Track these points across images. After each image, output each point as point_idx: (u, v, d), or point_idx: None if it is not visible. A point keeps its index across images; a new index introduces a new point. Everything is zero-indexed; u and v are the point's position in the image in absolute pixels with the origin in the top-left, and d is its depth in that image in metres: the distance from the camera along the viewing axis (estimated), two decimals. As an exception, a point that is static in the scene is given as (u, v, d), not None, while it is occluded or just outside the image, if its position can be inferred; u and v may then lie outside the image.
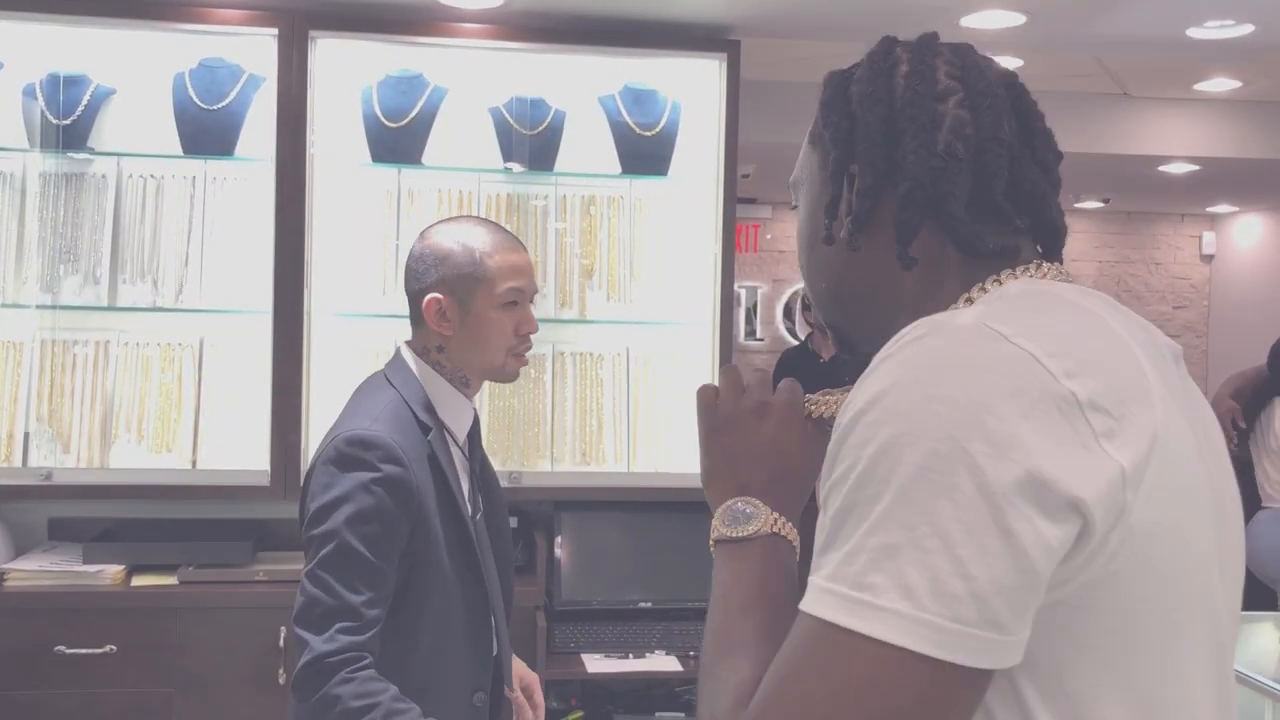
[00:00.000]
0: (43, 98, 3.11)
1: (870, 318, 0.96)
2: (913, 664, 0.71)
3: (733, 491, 0.96)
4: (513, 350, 1.86)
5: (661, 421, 3.36)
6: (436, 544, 1.78)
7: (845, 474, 0.77)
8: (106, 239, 3.16)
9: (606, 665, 2.98)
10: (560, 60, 3.32)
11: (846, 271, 0.97)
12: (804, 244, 1.02)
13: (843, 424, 0.79)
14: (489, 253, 1.85)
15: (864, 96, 0.94)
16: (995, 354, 0.77)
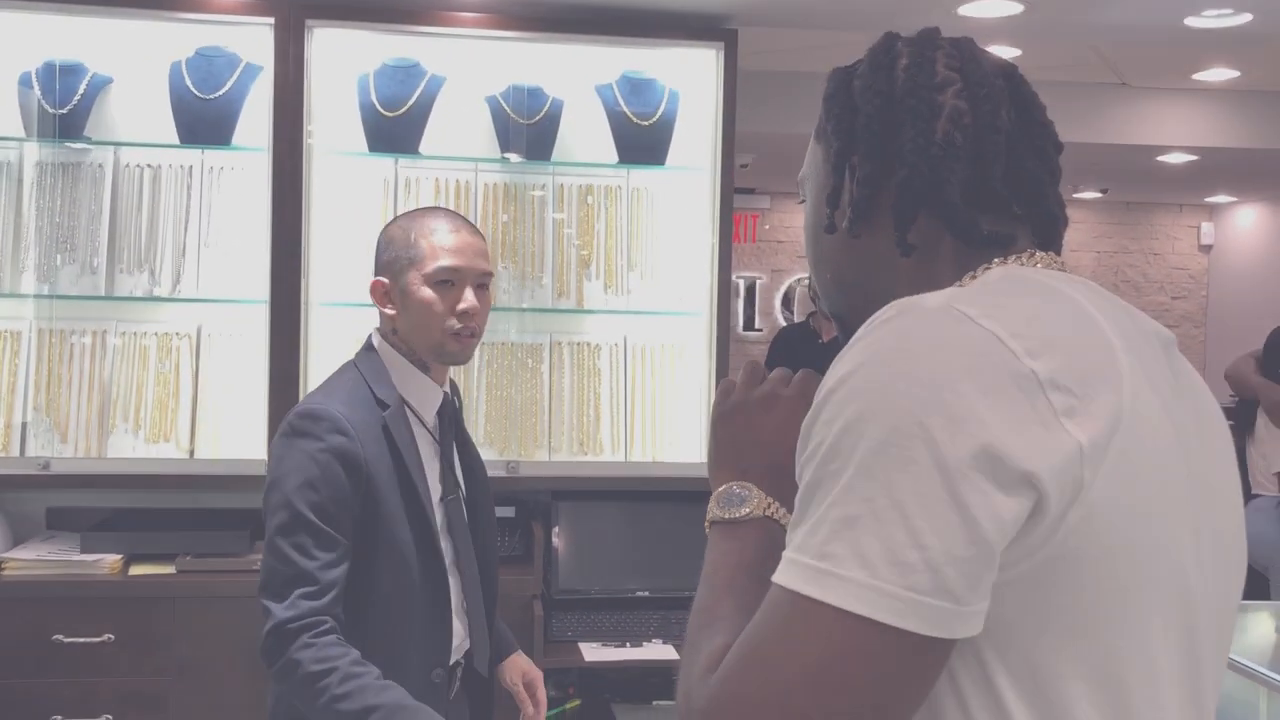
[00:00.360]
0: (39, 86, 3.11)
1: (871, 305, 0.97)
2: (869, 631, 0.74)
3: (732, 476, 0.99)
4: (450, 330, 1.89)
5: (658, 411, 3.37)
6: (389, 518, 1.82)
7: (814, 450, 0.80)
8: (103, 228, 3.16)
9: (604, 654, 2.99)
10: (557, 49, 3.31)
11: (849, 259, 1.00)
12: (810, 235, 1.04)
13: (816, 402, 0.82)
14: (424, 234, 1.91)
15: (865, 89, 0.97)
16: (958, 334, 0.80)
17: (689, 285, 3.37)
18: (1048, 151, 0.98)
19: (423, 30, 3.21)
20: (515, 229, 3.32)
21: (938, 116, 0.93)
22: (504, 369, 3.31)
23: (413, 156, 3.27)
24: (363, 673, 1.71)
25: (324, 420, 1.81)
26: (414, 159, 3.27)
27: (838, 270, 1.02)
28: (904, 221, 0.94)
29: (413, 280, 1.89)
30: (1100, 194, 7.83)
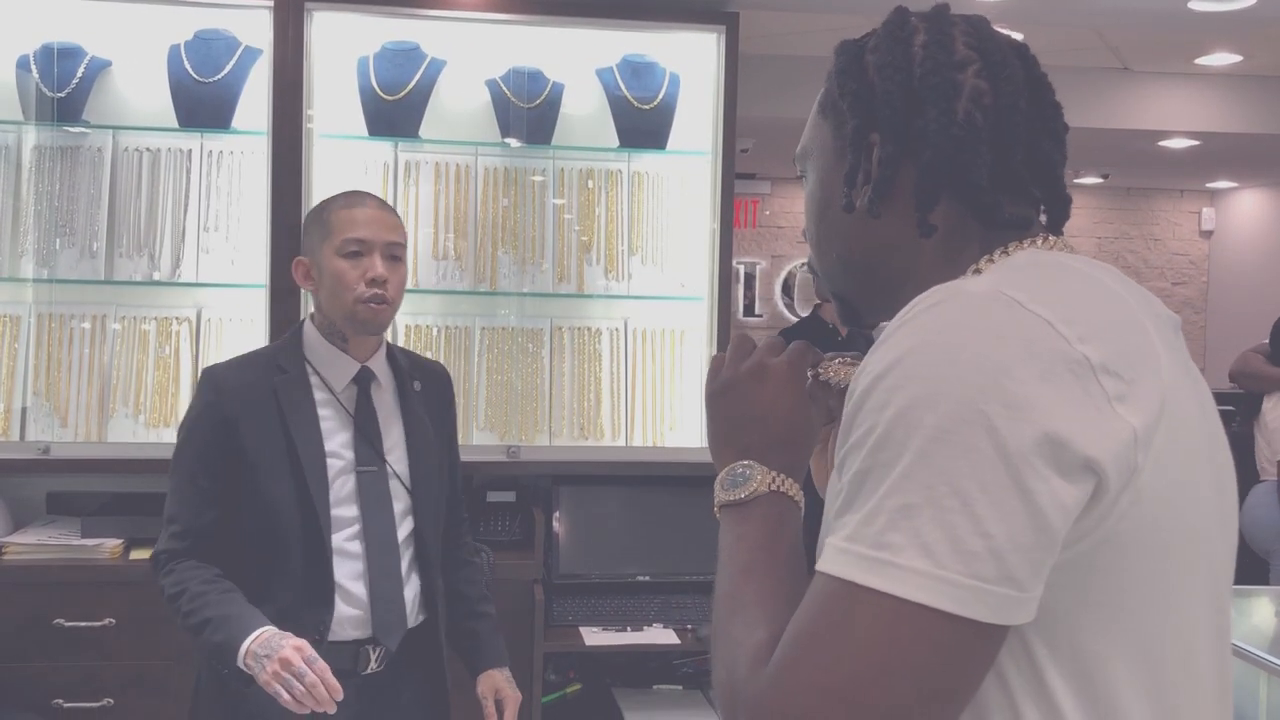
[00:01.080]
0: (37, 70, 3.10)
1: (881, 287, 0.98)
2: (933, 620, 0.73)
3: (734, 456, 0.97)
4: (360, 298, 1.97)
5: (659, 396, 3.37)
6: (261, 476, 1.94)
7: (863, 438, 0.79)
8: (102, 212, 3.15)
9: (604, 638, 3.00)
10: (558, 32, 3.30)
11: (861, 240, 0.97)
12: (815, 213, 1.02)
13: (859, 389, 0.81)
14: (332, 211, 2.03)
15: (883, 65, 0.94)
16: (1011, 319, 0.78)
17: (690, 270, 3.36)
18: (1059, 133, 0.97)
19: (423, 13, 3.19)
20: (515, 213, 3.32)
21: (958, 96, 0.91)
22: (504, 354, 3.31)
23: (413, 140, 3.26)
24: (207, 590, 1.89)
25: (206, 380, 2.02)
26: (414, 143, 3.26)
27: (847, 249, 0.99)
28: (927, 203, 0.92)
29: (325, 254, 2.00)
30: (1101, 179, 7.81)
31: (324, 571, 1.94)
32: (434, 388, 2.19)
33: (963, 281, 0.85)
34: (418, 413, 2.11)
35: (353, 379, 2.04)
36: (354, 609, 1.97)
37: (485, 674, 2.17)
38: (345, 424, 2.02)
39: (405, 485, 2.06)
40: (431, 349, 3.28)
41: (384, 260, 1.99)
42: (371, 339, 2.06)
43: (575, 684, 3.11)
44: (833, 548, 0.78)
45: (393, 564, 2.01)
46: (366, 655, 1.98)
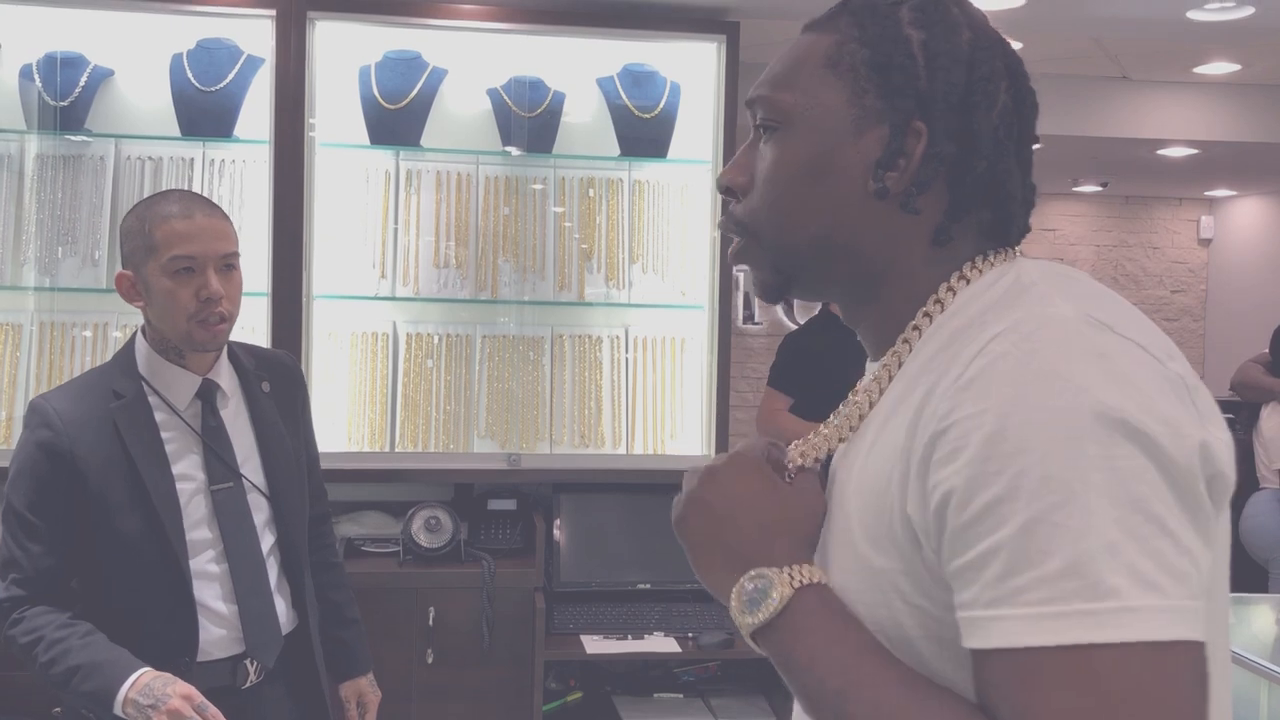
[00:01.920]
0: (40, 79, 3.10)
1: (849, 275, 0.92)
2: (1182, 653, 0.69)
3: (729, 573, 0.86)
4: (195, 317, 1.85)
5: (660, 404, 3.37)
6: (110, 509, 1.84)
7: (1011, 492, 0.71)
8: (104, 221, 3.16)
9: (605, 646, 3.00)
10: (559, 42, 3.31)
11: (859, 226, 0.89)
12: (797, 179, 0.90)
13: (973, 446, 0.73)
14: (156, 223, 1.85)
15: (939, 53, 0.88)
16: (1114, 344, 0.76)
17: (690, 278, 3.37)
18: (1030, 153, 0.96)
19: (424, 23, 3.20)
20: (516, 222, 3.32)
21: (994, 108, 0.88)
22: (505, 362, 3.32)
23: (414, 149, 3.26)
24: (66, 635, 1.80)
25: (35, 414, 1.87)
26: (415, 151, 3.27)
27: (832, 231, 0.90)
28: (961, 211, 0.88)
29: (152, 271, 1.85)
30: (1100, 187, 7.83)
31: (185, 599, 1.88)
32: (283, 383, 2.09)
33: (1043, 306, 0.79)
34: (269, 416, 2.02)
35: (195, 394, 1.93)
36: (223, 629, 1.91)
37: (350, 681, 2.19)
38: (193, 443, 1.92)
39: (265, 495, 1.98)
40: (433, 357, 3.28)
41: (218, 273, 1.86)
42: (209, 354, 1.95)
43: (576, 692, 3.11)
44: (1021, 618, 0.69)
45: (260, 581, 1.95)
46: (245, 670, 1.94)
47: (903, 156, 0.87)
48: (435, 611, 2.98)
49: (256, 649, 1.95)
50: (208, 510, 1.91)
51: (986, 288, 0.86)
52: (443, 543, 3.08)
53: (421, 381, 3.28)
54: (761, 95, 0.93)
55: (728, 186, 0.95)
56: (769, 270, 0.94)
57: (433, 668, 2.98)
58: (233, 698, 1.89)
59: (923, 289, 0.89)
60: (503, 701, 3.01)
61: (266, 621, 1.97)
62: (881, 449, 0.83)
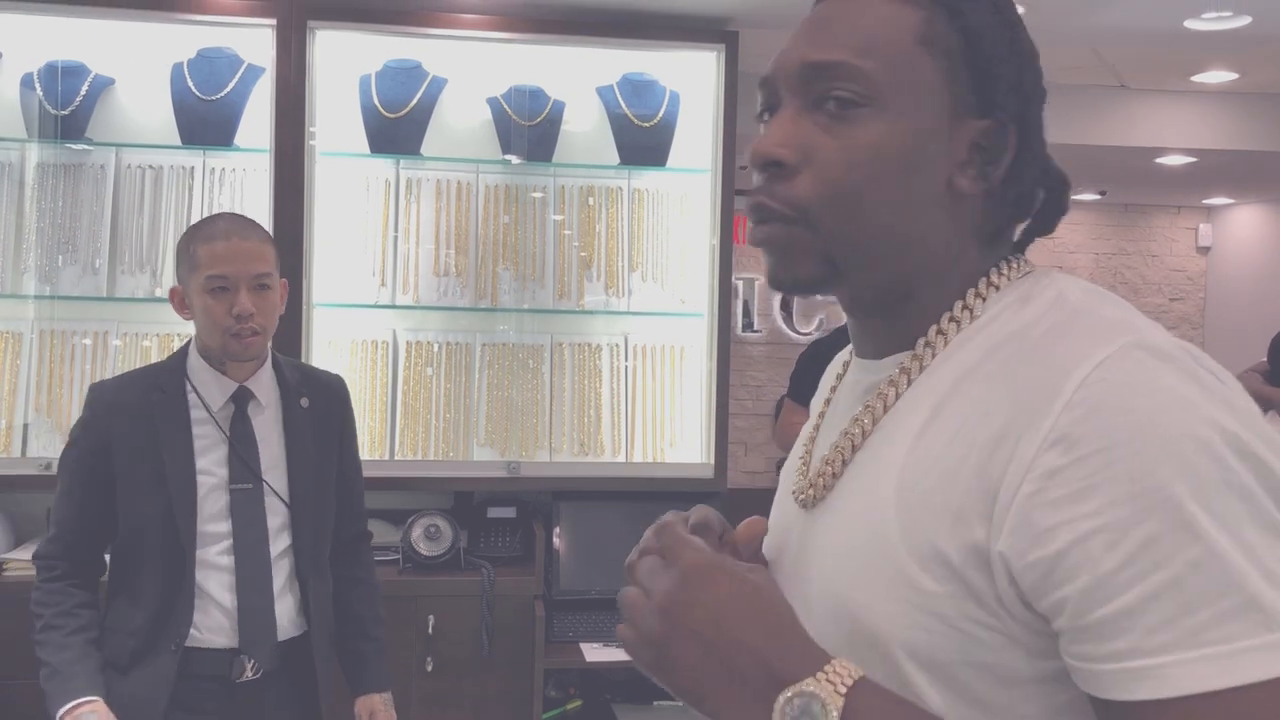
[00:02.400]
0: (40, 88, 3.11)
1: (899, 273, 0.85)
2: None
3: (761, 701, 0.72)
4: (229, 331, 2.02)
5: (659, 412, 3.37)
6: (131, 487, 2.03)
7: (1165, 529, 0.67)
8: (105, 229, 3.17)
9: (605, 654, 2.99)
10: (558, 51, 3.32)
11: (933, 224, 0.83)
12: (892, 170, 0.81)
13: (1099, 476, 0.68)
14: (197, 244, 2.03)
15: (1023, 43, 0.84)
16: (1209, 370, 0.74)
17: (690, 286, 3.37)
18: None
19: (424, 32, 3.21)
20: (516, 230, 3.33)
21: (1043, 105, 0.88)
22: (505, 370, 3.32)
23: (414, 158, 3.27)
24: (61, 624, 2.00)
25: (90, 395, 2.10)
26: (415, 160, 3.28)
27: (909, 225, 0.82)
28: (1025, 212, 0.87)
29: (194, 288, 2.03)
30: (1099, 195, 7.84)
31: (186, 585, 2.01)
32: (325, 402, 2.21)
33: (1145, 328, 0.76)
34: (302, 430, 2.15)
35: (230, 398, 2.08)
36: (223, 619, 2.04)
37: (364, 697, 2.25)
38: (220, 442, 2.07)
39: (284, 501, 2.11)
40: (432, 365, 3.29)
41: (251, 292, 2.02)
42: (249, 364, 2.10)
43: (576, 700, 3.10)
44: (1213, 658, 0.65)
45: (263, 579, 2.07)
46: (241, 664, 2.04)
47: (1001, 154, 0.83)
48: (435, 620, 2.98)
49: (249, 645, 2.05)
50: (224, 506, 2.05)
51: (1023, 301, 0.82)
52: (442, 551, 3.09)
53: (421, 389, 3.28)
54: (843, 62, 0.80)
55: (778, 160, 0.81)
56: (817, 261, 0.82)
57: (432, 676, 2.98)
58: (228, 690, 2.04)
59: (955, 291, 0.84)
60: (502, 710, 3.01)
61: (263, 620, 2.06)
62: (928, 465, 0.77)
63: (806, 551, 0.87)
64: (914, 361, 0.84)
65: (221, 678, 2.03)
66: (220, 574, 2.04)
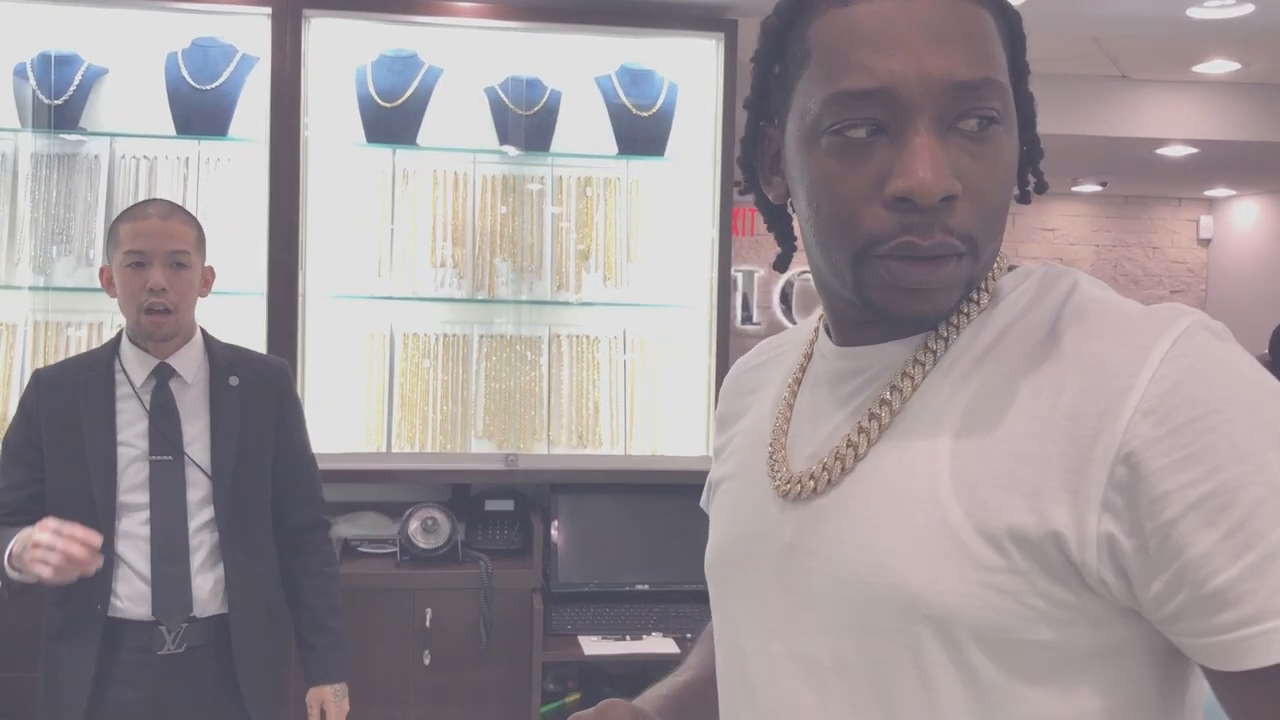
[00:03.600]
0: (34, 77, 3.09)
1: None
2: None
3: None
4: (142, 306, 2.08)
5: (658, 404, 3.35)
6: (54, 460, 2.12)
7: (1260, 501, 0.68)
8: (99, 220, 3.14)
9: (603, 647, 2.98)
10: (556, 40, 3.29)
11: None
12: (1011, 182, 0.82)
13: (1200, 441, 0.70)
14: (122, 223, 2.12)
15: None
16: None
17: (688, 278, 3.35)
18: None
19: (420, 20, 3.19)
20: (514, 221, 3.31)
21: None
22: (503, 361, 3.30)
23: (410, 147, 3.25)
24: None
25: (31, 378, 2.22)
26: (412, 150, 3.25)
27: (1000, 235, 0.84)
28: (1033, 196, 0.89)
29: (116, 265, 2.11)
30: (1099, 187, 7.82)
31: (106, 553, 2.01)
32: (258, 383, 2.24)
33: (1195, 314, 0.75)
34: (228, 407, 2.19)
35: (151, 373, 2.14)
36: (144, 587, 2.09)
37: (315, 689, 2.26)
38: (141, 416, 2.13)
39: (205, 473, 2.14)
40: (430, 356, 3.27)
41: (166, 269, 2.08)
42: (171, 342, 2.15)
43: (574, 693, 3.09)
44: None
45: (179, 549, 2.12)
46: (161, 636, 2.09)
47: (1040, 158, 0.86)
48: (433, 612, 2.97)
49: (161, 612, 2.09)
50: (145, 477, 2.12)
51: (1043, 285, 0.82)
52: (440, 543, 3.07)
53: (418, 381, 3.26)
54: (991, 80, 0.77)
55: (951, 194, 0.76)
56: (962, 287, 0.80)
57: (430, 669, 2.97)
58: (149, 660, 2.09)
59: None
60: (501, 703, 2.99)
61: (177, 587, 2.11)
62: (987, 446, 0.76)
63: (809, 541, 0.84)
64: (939, 341, 0.82)
65: (144, 649, 2.09)
66: (139, 543, 2.10)
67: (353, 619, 2.93)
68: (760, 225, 4.08)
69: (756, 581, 0.88)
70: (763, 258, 7.93)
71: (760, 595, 0.88)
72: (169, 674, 2.10)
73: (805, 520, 0.85)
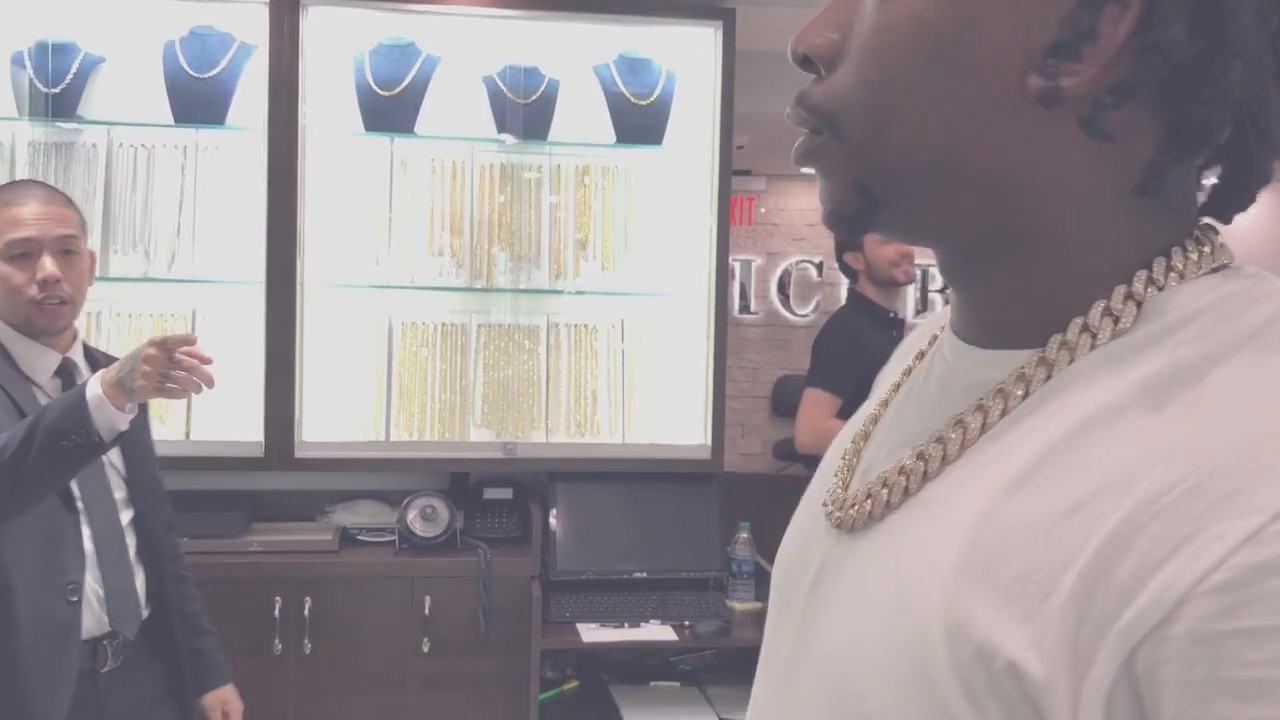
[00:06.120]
0: (31, 66, 3.08)
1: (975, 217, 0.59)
2: None
3: None
4: (32, 300, 1.93)
5: (656, 393, 3.36)
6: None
7: None
8: (97, 209, 3.14)
9: (602, 635, 2.99)
10: (554, 28, 3.29)
11: (1004, 144, 0.56)
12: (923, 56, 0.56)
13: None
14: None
15: None
16: None
17: (686, 267, 3.35)
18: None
19: (418, 9, 3.18)
20: (512, 209, 3.31)
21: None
22: (501, 350, 3.30)
23: (409, 136, 3.25)
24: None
25: None
26: (410, 138, 3.25)
27: (962, 144, 0.56)
28: (1193, 144, 0.54)
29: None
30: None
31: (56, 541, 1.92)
32: None
33: None
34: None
35: (56, 371, 2.01)
36: (86, 607, 1.94)
37: (214, 692, 2.19)
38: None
39: (121, 475, 2.04)
40: (428, 346, 3.27)
41: (55, 257, 1.94)
42: (64, 335, 2.02)
43: (572, 681, 3.10)
44: None
45: (122, 554, 2.00)
46: (104, 651, 1.97)
47: (1092, 40, 0.53)
48: (431, 600, 2.98)
49: (119, 621, 1.97)
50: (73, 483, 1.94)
51: (1236, 310, 0.54)
52: (438, 532, 3.08)
53: (417, 370, 3.27)
54: None
55: (805, 55, 0.60)
56: (850, 186, 0.60)
57: (429, 657, 2.98)
58: (93, 680, 1.93)
59: (1102, 264, 0.57)
60: (499, 690, 3.00)
61: (128, 595, 1.99)
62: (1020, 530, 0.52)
63: (828, 590, 0.64)
64: (1040, 368, 0.57)
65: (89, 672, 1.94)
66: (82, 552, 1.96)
67: (352, 607, 2.95)
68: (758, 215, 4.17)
69: (784, 622, 0.68)
70: (759, 247, 7.93)
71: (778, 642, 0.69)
72: (111, 690, 1.97)
73: (836, 560, 0.64)
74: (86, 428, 1.76)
